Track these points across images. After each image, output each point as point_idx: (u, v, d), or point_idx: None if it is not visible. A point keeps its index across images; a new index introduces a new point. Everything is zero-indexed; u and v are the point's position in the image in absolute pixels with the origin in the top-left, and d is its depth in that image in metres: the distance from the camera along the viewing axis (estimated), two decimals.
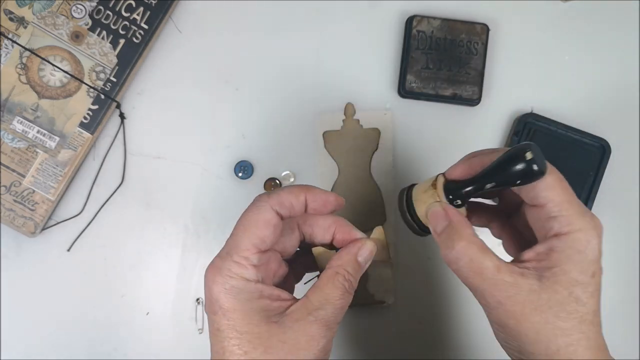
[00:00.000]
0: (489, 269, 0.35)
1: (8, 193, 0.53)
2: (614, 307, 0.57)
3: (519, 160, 0.34)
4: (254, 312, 0.35)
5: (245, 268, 0.36)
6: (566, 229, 0.35)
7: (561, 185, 0.36)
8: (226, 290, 0.35)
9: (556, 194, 0.35)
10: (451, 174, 0.39)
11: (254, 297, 0.35)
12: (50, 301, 0.55)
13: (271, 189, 0.56)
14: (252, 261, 0.36)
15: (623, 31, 0.59)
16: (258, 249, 0.36)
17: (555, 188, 0.36)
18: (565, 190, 0.36)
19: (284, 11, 0.57)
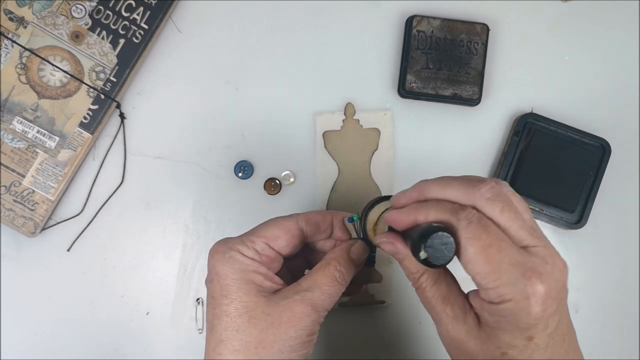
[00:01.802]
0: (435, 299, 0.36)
1: (8, 193, 0.53)
2: (614, 308, 0.57)
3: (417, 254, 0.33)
4: (245, 282, 0.37)
5: (247, 248, 0.38)
6: (496, 300, 0.33)
7: (485, 256, 0.32)
8: (224, 259, 0.37)
9: (480, 267, 0.32)
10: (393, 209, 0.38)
11: (249, 269, 0.37)
12: (50, 301, 0.55)
13: (271, 189, 0.56)
14: (256, 246, 0.38)
15: (623, 31, 0.59)
16: (267, 242, 0.39)
17: (478, 261, 0.32)
18: (491, 259, 0.32)
19: (284, 11, 0.57)
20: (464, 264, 0.33)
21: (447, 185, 0.35)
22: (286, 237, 0.40)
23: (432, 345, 0.56)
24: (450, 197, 0.35)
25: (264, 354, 0.36)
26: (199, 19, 0.57)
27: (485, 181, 0.34)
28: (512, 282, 0.32)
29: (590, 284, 0.57)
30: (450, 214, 0.34)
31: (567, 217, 0.56)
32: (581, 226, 0.56)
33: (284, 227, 0.40)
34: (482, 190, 0.34)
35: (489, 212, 0.34)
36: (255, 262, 0.38)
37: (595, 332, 0.57)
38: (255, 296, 0.37)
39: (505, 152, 0.56)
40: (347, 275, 0.39)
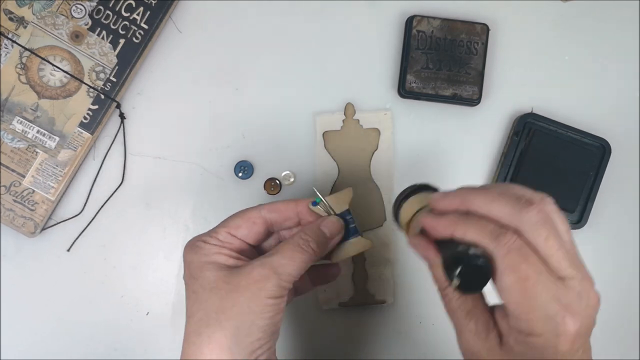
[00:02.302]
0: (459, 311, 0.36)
1: (8, 193, 0.53)
2: (614, 308, 0.57)
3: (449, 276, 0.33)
4: (208, 263, 0.39)
5: (210, 237, 0.40)
6: (526, 331, 0.33)
7: (521, 288, 0.32)
8: (191, 249, 0.40)
9: (515, 297, 0.32)
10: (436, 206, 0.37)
11: (212, 252, 0.39)
12: (50, 301, 0.55)
13: (271, 189, 0.56)
14: (219, 235, 0.41)
15: (623, 31, 0.59)
16: (229, 230, 0.41)
17: (514, 291, 0.32)
18: (526, 292, 0.32)
19: (284, 11, 0.57)
20: (499, 290, 0.33)
21: (493, 201, 0.34)
22: (247, 225, 0.41)
23: (432, 345, 0.56)
24: (495, 214, 0.34)
25: (224, 319, 0.37)
26: (199, 19, 0.57)
27: (533, 202, 0.33)
28: (545, 318, 0.32)
29: None
30: (490, 238, 0.33)
31: (567, 217, 0.55)
32: (581, 226, 0.56)
33: (246, 216, 0.41)
34: (530, 214, 0.33)
35: (533, 237, 0.33)
36: (216, 247, 0.40)
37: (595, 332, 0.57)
38: (217, 271, 0.38)
39: (505, 152, 0.56)
40: (314, 243, 0.40)
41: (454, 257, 0.33)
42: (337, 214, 0.43)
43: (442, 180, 0.57)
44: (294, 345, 0.56)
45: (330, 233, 0.41)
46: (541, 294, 0.32)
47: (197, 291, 0.38)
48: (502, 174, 0.56)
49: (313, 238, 0.40)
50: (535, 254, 0.32)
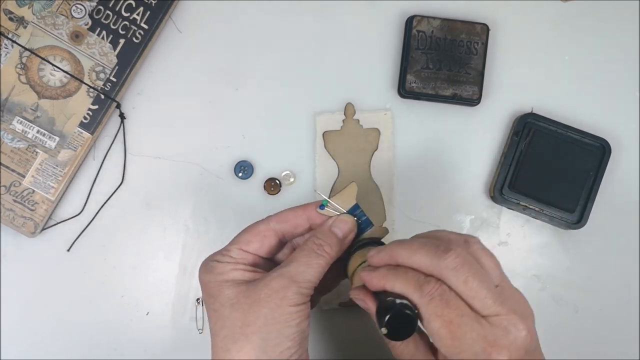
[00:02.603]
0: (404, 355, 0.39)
1: (8, 193, 0.53)
2: (614, 308, 0.57)
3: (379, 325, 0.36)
4: (225, 281, 0.39)
5: (222, 256, 0.41)
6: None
7: (448, 331, 0.34)
8: (206, 270, 0.40)
9: (444, 341, 0.35)
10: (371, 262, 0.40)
11: (227, 270, 0.40)
12: (50, 301, 0.55)
13: (271, 189, 0.56)
14: (232, 253, 0.41)
15: (623, 31, 0.59)
16: (240, 247, 0.41)
17: (442, 335, 0.35)
18: (453, 334, 0.34)
19: (284, 11, 0.57)
20: (430, 335, 0.36)
21: (415, 252, 0.37)
22: (258, 239, 0.41)
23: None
24: (417, 265, 0.37)
25: (250, 332, 0.37)
26: (199, 19, 0.57)
27: (450, 248, 0.36)
28: (473, 355, 0.34)
29: (590, 284, 0.57)
30: (414, 288, 0.35)
31: (567, 217, 0.56)
32: (581, 226, 0.56)
33: (256, 230, 0.42)
34: (447, 261, 0.35)
35: (453, 282, 0.35)
36: (231, 264, 0.40)
37: (595, 332, 0.57)
38: (235, 287, 0.39)
39: (505, 152, 0.56)
40: (327, 246, 0.40)
41: (383, 307, 0.36)
42: (346, 211, 0.44)
43: (442, 180, 0.57)
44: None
45: (342, 233, 0.42)
46: (466, 335, 0.34)
47: (218, 309, 0.39)
48: (502, 174, 0.56)
49: (326, 241, 0.41)
50: (457, 298, 0.35)
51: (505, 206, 0.57)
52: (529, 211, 0.56)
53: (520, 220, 0.57)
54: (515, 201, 0.55)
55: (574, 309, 0.57)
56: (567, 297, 0.57)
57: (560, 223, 0.56)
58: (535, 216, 0.56)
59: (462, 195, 0.57)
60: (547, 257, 0.58)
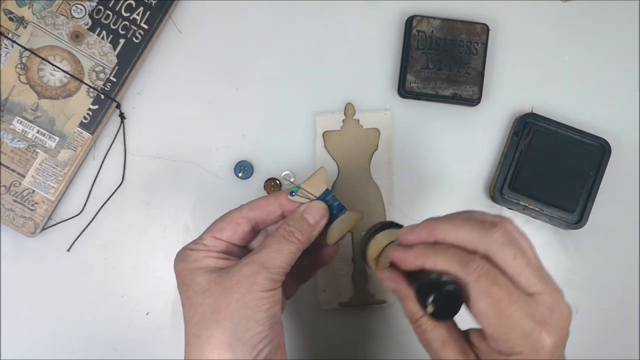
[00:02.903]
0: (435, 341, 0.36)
1: (8, 193, 0.53)
2: (614, 308, 0.57)
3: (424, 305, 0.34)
4: (198, 269, 0.39)
5: (196, 244, 0.41)
6: (506, 351, 0.34)
7: (496, 310, 0.33)
8: (179, 258, 0.41)
9: (491, 320, 0.33)
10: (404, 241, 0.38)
11: (200, 257, 0.40)
12: (50, 301, 0.55)
13: (271, 189, 0.56)
14: (205, 241, 0.41)
15: (623, 31, 0.59)
16: (213, 235, 0.41)
17: (489, 315, 0.33)
18: (501, 313, 0.33)
19: (284, 11, 0.57)
20: (475, 315, 0.34)
21: (459, 228, 0.35)
22: (231, 227, 0.42)
23: None
24: (462, 241, 0.35)
25: (220, 317, 0.37)
26: (199, 19, 0.57)
27: (496, 224, 0.34)
28: (522, 335, 0.33)
29: (590, 284, 0.57)
30: (460, 265, 0.34)
31: (567, 217, 0.56)
32: (581, 226, 0.56)
33: (228, 218, 0.42)
34: (495, 236, 0.34)
35: (501, 258, 0.34)
36: (204, 252, 0.40)
37: (595, 332, 0.57)
38: (208, 274, 0.39)
39: (505, 152, 0.56)
40: (298, 233, 0.40)
41: (427, 286, 0.34)
42: (317, 197, 0.43)
43: (442, 180, 0.57)
44: (294, 345, 0.56)
45: (314, 219, 0.42)
46: (515, 314, 0.33)
47: (190, 297, 0.39)
48: (502, 174, 0.56)
49: (297, 228, 0.41)
50: (503, 276, 0.34)
51: (505, 206, 0.57)
52: (529, 211, 0.56)
53: (520, 220, 0.57)
54: (515, 201, 0.55)
55: (574, 309, 0.57)
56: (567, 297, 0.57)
57: (560, 223, 0.56)
58: (535, 216, 0.56)
59: (462, 195, 0.57)
60: (547, 257, 0.57)
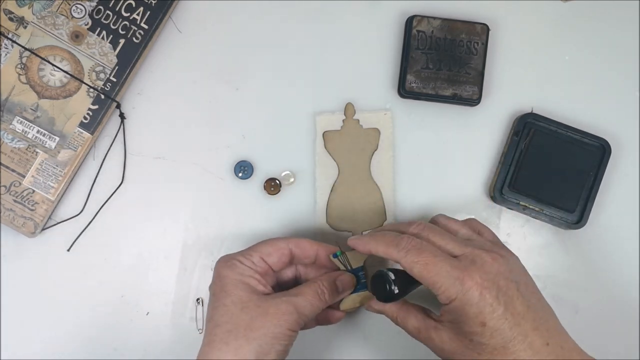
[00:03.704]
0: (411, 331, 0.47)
1: (8, 193, 0.53)
2: (614, 308, 0.57)
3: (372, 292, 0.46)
4: (241, 282, 0.44)
5: (245, 258, 0.46)
6: (446, 301, 0.42)
7: (427, 271, 0.42)
8: (226, 265, 0.45)
9: (427, 280, 0.42)
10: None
11: (246, 274, 0.45)
12: (50, 301, 0.55)
13: (271, 189, 0.56)
14: (253, 258, 0.46)
15: (623, 31, 0.59)
16: (262, 256, 0.46)
17: (424, 276, 0.42)
18: (432, 273, 0.42)
19: (284, 11, 0.57)
20: (419, 280, 0.43)
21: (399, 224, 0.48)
22: (277, 255, 0.47)
23: None
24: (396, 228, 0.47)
25: (252, 337, 0.42)
26: (199, 19, 0.57)
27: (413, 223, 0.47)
28: (452, 284, 0.41)
29: (590, 284, 0.57)
30: (392, 246, 0.44)
31: (567, 217, 0.56)
32: (581, 226, 0.56)
33: (277, 246, 0.47)
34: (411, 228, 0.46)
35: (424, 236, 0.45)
36: (251, 270, 0.46)
37: (595, 332, 0.57)
38: (249, 293, 0.44)
39: (505, 152, 0.56)
40: (327, 294, 0.47)
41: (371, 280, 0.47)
42: (352, 268, 0.50)
43: (442, 180, 0.57)
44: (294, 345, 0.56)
45: (342, 288, 0.48)
46: (441, 270, 0.42)
47: (227, 305, 0.43)
48: (502, 174, 0.56)
49: (328, 290, 0.47)
50: (429, 245, 0.43)
51: (505, 206, 0.57)
52: (529, 211, 0.56)
53: (520, 220, 0.57)
54: (515, 201, 0.55)
55: (574, 309, 0.57)
56: (567, 297, 0.57)
57: (560, 223, 0.56)
58: (535, 216, 0.56)
59: (462, 195, 0.57)
60: (547, 257, 0.58)
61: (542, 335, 0.42)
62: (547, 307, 0.44)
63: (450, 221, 0.48)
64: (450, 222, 0.48)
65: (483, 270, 0.42)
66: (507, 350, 0.41)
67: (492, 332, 0.41)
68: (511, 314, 0.41)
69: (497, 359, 0.41)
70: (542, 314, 0.43)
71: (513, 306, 0.41)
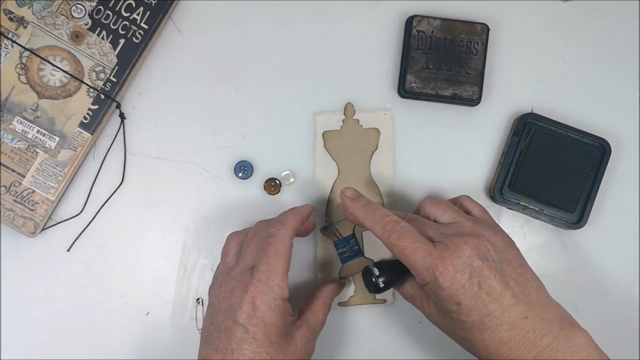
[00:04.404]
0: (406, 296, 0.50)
1: (8, 193, 0.53)
2: (614, 308, 0.57)
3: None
4: (281, 327, 0.45)
5: (283, 290, 0.46)
6: (422, 283, 0.45)
7: (405, 255, 0.45)
8: (272, 309, 0.45)
9: (405, 262, 0.45)
10: None
11: (285, 314, 0.46)
12: (50, 301, 0.55)
13: (271, 189, 0.56)
14: (286, 283, 0.46)
15: (623, 31, 0.59)
16: (287, 272, 0.46)
17: (402, 259, 0.45)
18: (409, 257, 0.45)
19: (284, 11, 0.57)
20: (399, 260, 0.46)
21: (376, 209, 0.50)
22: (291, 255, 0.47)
23: (433, 345, 0.56)
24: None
25: None
26: (199, 19, 0.57)
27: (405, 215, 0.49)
28: (425, 269, 0.44)
29: (590, 284, 0.57)
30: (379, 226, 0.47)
31: (567, 217, 0.56)
32: (581, 226, 0.56)
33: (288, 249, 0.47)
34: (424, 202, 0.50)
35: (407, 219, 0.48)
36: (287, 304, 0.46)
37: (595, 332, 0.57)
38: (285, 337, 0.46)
39: (505, 152, 0.56)
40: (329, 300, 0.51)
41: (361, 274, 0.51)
42: (343, 237, 0.54)
43: (443, 180, 0.57)
44: None
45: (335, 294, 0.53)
46: (417, 255, 0.44)
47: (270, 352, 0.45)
48: (502, 174, 0.56)
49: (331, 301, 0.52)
50: (412, 231, 0.45)
51: (505, 206, 0.57)
52: (529, 211, 0.56)
53: (520, 220, 0.57)
54: (515, 201, 0.55)
55: (574, 309, 0.57)
56: (567, 297, 0.57)
57: (560, 223, 0.56)
58: (535, 216, 0.56)
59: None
60: (547, 257, 0.58)
61: (520, 309, 0.43)
62: (531, 281, 0.45)
63: (434, 206, 0.49)
64: (434, 208, 0.49)
65: (455, 255, 0.44)
66: (484, 325, 0.43)
67: (468, 311, 0.43)
68: (486, 293, 0.43)
69: (476, 334, 0.44)
70: (524, 288, 0.44)
71: (488, 284, 0.43)
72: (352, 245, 0.55)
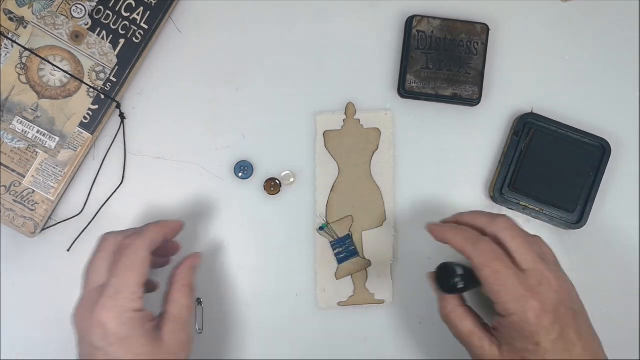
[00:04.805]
0: (462, 332, 0.45)
1: (8, 193, 0.53)
2: (614, 308, 0.57)
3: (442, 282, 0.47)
4: (142, 336, 0.43)
5: (135, 302, 0.43)
6: (504, 313, 0.43)
7: (495, 279, 0.43)
8: (124, 323, 0.42)
9: (491, 287, 0.43)
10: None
11: (143, 323, 0.43)
12: (50, 301, 0.55)
13: (271, 189, 0.56)
14: (139, 294, 0.44)
15: (623, 31, 0.59)
16: (141, 283, 0.44)
17: (490, 282, 0.43)
18: (498, 281, 0.42)
19: (283, 11, 0.57)
20: (483, 284, 0.43)
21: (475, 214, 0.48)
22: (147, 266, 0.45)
23: (433, 345, 0.56)
24: (476, 222, 0.47)
25: None
26: (199, 19, 0.57)
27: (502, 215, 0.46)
28: (515, 299, 0.42)
29: (590, 284, 0.57)
30: (470, 243, 0.44)
31: (567, 217, 0.56)
32: (581, 226, 0.56)
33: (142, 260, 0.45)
34: (500, 220, 0.45)
35: (504, 237, 0.44)
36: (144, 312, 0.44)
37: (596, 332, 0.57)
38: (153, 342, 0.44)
39: (505, 152, 0.56)
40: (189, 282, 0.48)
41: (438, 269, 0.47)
42: (339, 237, 0.54)
43: (442, 180, 0.57)
44: (293, 345, 0.56)
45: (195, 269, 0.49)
46: (509, 282, 0.42)
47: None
48: (502, 174, 0.56)
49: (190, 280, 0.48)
50: (504, 254, 0.43)
51: (505, 206, 0.57)
52: (529, 211, 0.56)
53: (520, 220, 0.57)
54: (515, 201, 0.55)
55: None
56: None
57: (560, 223, 0.56)
58: (535, 216, 0.56)
59: (462, 195, 0.57)
60: None
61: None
62: (596, 336, 0.45)
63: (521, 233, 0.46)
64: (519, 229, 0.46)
65: (547, 295, 0.42)
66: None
67: (544, 352, 0.42)
68: (564, 340, 0.42)
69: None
70: (592, 343, 0.44)
71: (567, 333, 0.42)
72: (348, 245, 0.55)
